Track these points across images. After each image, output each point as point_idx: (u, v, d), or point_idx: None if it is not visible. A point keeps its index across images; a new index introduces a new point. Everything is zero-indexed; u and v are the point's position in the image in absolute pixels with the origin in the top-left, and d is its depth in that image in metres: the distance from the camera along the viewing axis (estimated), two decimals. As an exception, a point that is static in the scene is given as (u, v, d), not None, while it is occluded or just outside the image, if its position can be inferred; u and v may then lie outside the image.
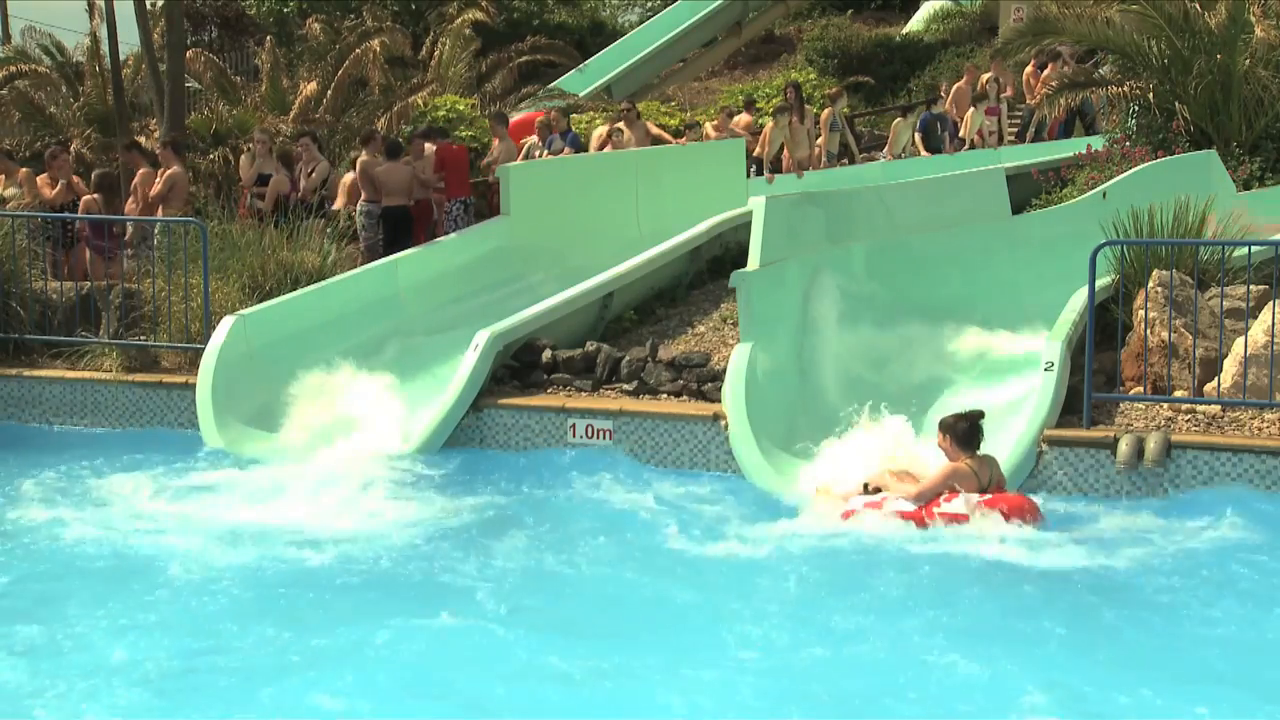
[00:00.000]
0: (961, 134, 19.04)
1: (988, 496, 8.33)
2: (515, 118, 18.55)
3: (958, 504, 8.30)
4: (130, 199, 13.63)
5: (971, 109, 19.02)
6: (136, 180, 13.56)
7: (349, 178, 14.41)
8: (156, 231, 12.61)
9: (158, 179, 13.31)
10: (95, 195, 13.27)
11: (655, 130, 16.83)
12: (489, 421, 10.30)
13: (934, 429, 9.88)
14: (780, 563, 7.71)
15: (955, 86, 20.30)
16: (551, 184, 14.20)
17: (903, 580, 7.38)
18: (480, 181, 15.64)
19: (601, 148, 16.12)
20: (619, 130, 16.00)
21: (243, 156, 14.37)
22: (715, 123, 17.72)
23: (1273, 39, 15.37)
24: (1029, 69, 20.33)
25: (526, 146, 16.28)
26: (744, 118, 18.97)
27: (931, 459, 8.82)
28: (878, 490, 8.58)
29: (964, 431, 8.58)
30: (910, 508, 8.37)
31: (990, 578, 7.45)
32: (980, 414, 8.68)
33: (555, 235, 13.76)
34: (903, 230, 11.97)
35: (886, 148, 18.84)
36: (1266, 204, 13.43)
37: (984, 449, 8.61)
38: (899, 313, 11.49)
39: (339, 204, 14.27)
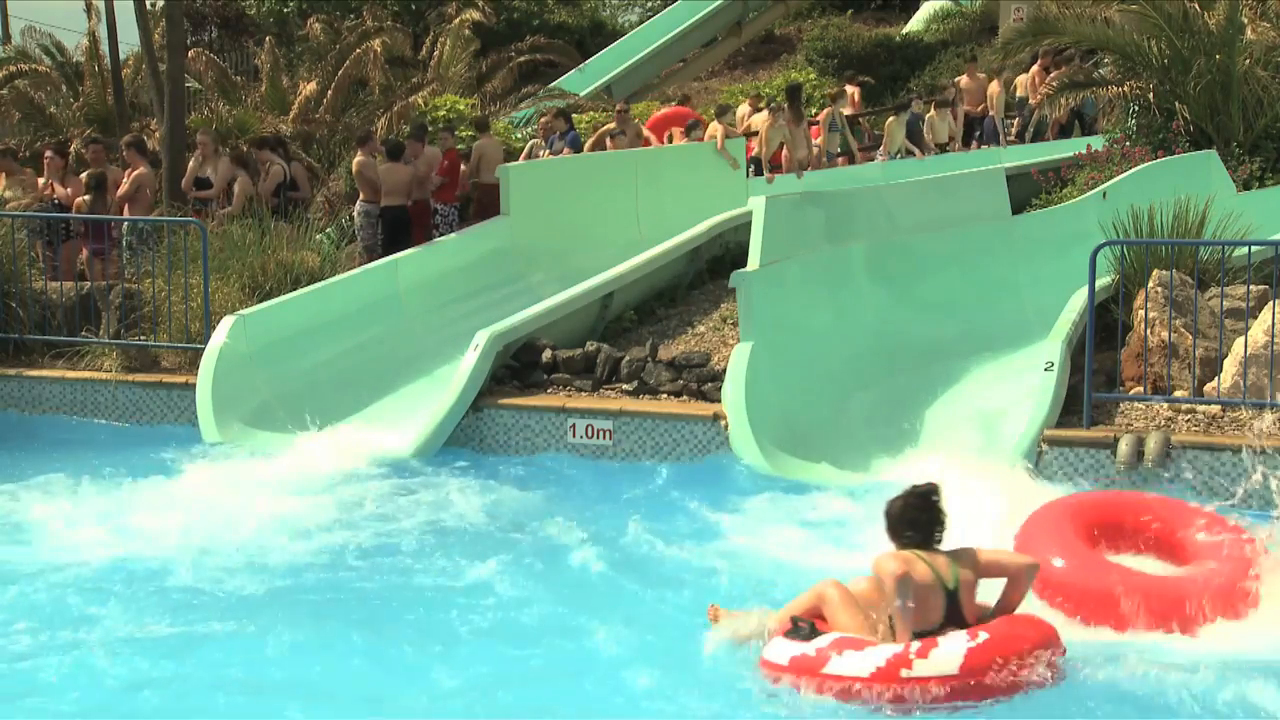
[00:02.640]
0: (927, 138, 18.93)
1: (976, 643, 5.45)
2: (660, 112, 18.72)
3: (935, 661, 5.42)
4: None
5: (933, 113, 18.92)
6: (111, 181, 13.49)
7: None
8: (125, 231, 12.64)
9: (125, 179, 13.29)
10: (86, 196, 13.24)
11: (644, 131, 16.80)
12: (489, 421, 10.30)
13: (935, 436, 9.85)
14: (777, 562, 7.72)
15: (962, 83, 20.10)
16: (551, 184, 14.20)
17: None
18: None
19: (597, 149, 16.11)
20: (618, 134, 16.00)
21: (191, 159, 14.22)
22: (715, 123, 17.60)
23: (1268, 40, 15.37)
24: (1035, 69, 20.26)
25: (529, 146, 16.26)
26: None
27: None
28: (811, 630, 5.75)
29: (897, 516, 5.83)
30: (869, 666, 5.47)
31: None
32: (928, 490, 5.87)
33: (555, 235, 13.76)
34: (903, 230, 11.97)
35: (882, 147, 18.70)
36: (1266, 204, 13.44)
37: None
38: (899, 313, 11.50)
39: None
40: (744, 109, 19.17)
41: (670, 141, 16.96)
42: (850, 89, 20.76)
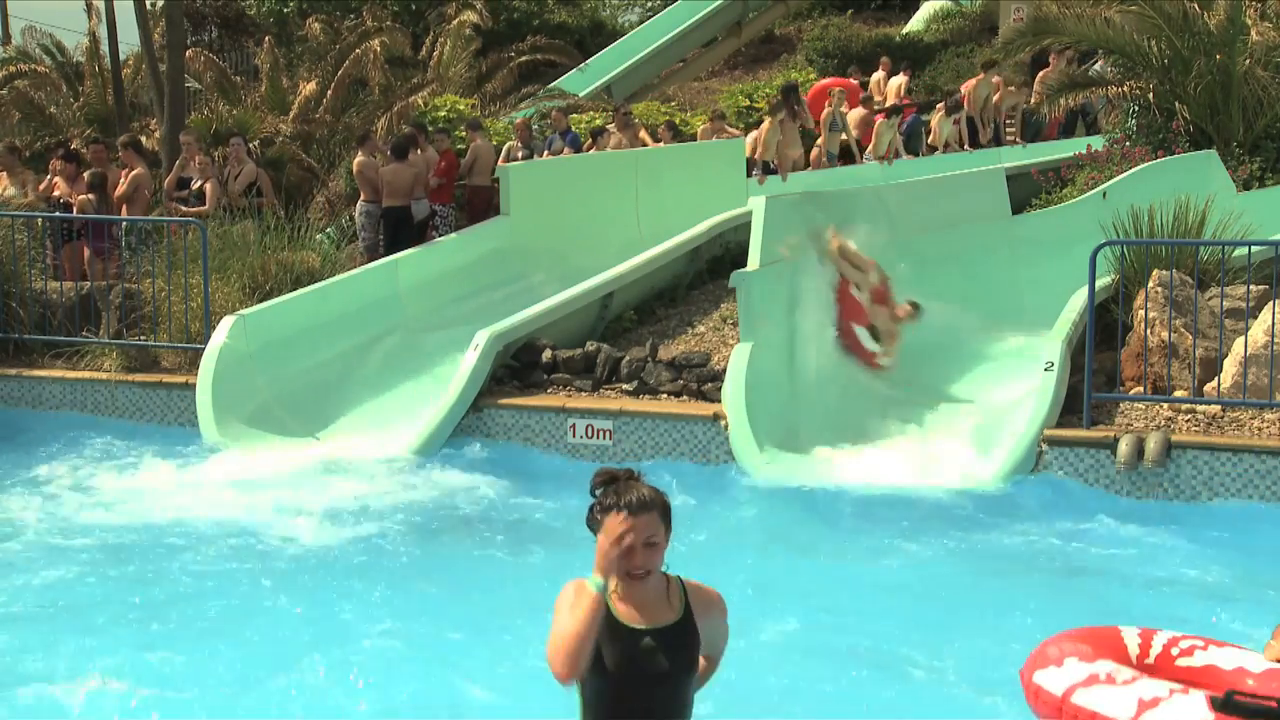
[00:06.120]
0: (931, 141, 18.89)
1: None
2: (820, 82, 18.80)
3: None
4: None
5: (939, 117, 18.89)
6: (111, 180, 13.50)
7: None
8: (125, 231, 12.64)
9: (122, 179, 13.28)
10: (89, 195, 13.23)
11: (643, 136, 16.81)
12: (489, 421, 10.30)
13: (935, 436, 9.86)
14: (776, 559, 7.72)
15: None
16: (551, 184, 14.19)
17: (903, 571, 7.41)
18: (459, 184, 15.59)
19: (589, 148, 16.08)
20: (607, 131, 15.98)
21: (178, 161, 14.13)
22: (706, 126, 17.58)
23: (1270, 40, 15.37)
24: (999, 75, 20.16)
25: (506, 148, 16.16)
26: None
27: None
28: None
29: None
30: None
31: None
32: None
33: (555, 235, 13.75)
34: (903, 230, 11.97)
35: (869, 149, 18.59)
36: (1266, 204, 13.44)
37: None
38: (899, 313, 11.49)
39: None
40: (880, 75, 21.06)
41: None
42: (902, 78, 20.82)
